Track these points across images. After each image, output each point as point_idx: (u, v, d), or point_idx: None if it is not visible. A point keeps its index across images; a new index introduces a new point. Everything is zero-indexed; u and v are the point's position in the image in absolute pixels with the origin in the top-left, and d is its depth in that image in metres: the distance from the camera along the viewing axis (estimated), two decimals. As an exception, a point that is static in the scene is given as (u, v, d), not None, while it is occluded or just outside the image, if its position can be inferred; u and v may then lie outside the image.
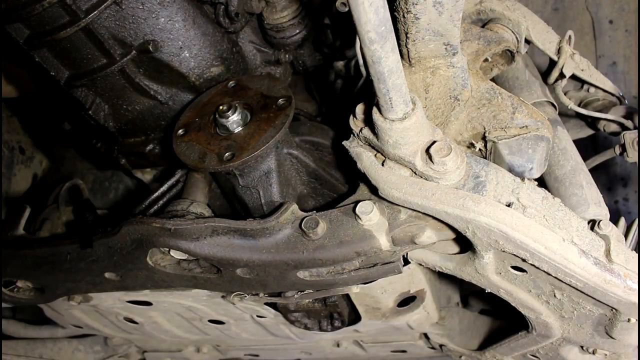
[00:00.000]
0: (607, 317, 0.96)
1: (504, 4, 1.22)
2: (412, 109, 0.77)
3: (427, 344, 1.59)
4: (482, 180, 0.85)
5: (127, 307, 1.40)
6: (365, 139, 0.89)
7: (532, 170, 0.95)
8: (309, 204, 1.19)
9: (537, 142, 0.94)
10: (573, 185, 1.11)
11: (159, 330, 1.57)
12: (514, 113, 0.95)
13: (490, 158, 0.98)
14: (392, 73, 0.67)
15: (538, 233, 0.81)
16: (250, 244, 0.97)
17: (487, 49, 1.11)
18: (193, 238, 0.99)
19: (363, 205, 0.91)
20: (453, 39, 0.90)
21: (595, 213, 1.07)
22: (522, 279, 0.96)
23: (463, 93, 0.95)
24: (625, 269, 0.83)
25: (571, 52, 1.27)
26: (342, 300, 1.28)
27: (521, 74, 1.32)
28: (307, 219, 0.94)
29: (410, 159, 0.83)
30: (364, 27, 0.60)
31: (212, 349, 1.76)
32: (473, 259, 0.96)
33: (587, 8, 2.07)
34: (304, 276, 1.00)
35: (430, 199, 0.84)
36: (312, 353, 1.74)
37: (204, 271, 1.08)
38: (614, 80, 1.88)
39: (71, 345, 1.89)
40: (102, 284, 1.18)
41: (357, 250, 0.92)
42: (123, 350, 1.83)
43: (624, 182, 2.21)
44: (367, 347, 1.62)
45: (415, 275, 1.22)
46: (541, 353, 1.23)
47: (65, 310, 1.49)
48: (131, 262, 1.08)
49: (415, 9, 0.83)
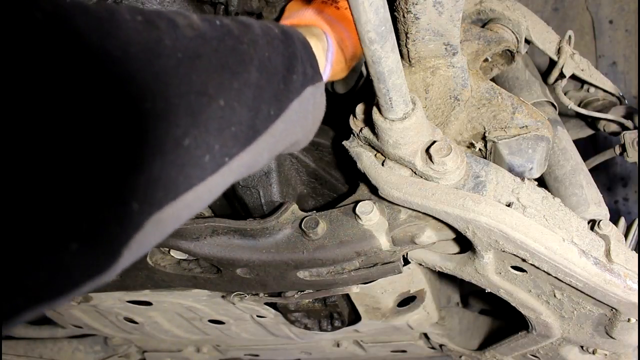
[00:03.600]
0: (607, 317, 0.96)
1: (504, 4, 1.22)
2: (412, 109, 0.77)
3: (427, 344, 1.59)
4: (482, 180, 0.85)
5: (127, 307, 1.40)
6: (365, 139, 0.89)
7: (532, 170, 0.95)
8: (309, 204, 1.19)
9: (537, 142, 0.94)
10: (573, 185, 1.11)
11: (159, 330, 1.57)
12: (514, 113, 0.95)
13: (490, 158, 0.98)
14: (392, 73, 0.67)
15: (538, 233, 0.81)
16: (250, 244, 0.97)
17: (487, 49, 1.11)
18: (193, 238, 0.99)
19: (363, 205, 0.91)
20: (453, 39, 0.90)
21: (595, 213, 1.07)
22: (522, 279, 0.96)
23: (463, 93, 0.95)
24: (625, 269, 0.83)
25: (571, 52, 1.27)
26: (342, 300, 1.28)
27: (521, 74, 1.32)
28: (307, 219, 0.94)
29: (410, 158, 0.83)
30: (364, 27, 0.60)
31: (212, 349, 1.76)
32: (473, 259, 0.96)
33: (587, 8, 2.07)
34: (304, 276, 1.00)
35: (430, 198, 0.84)
36: (312, 353, 1.74)
37: (204, 271, 1.08)
38: (614, 80, 1.88)
39: (71, 345, 1.89)
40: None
41: (357, 250, 0.92)
42: (123, 350, 1.83)
43: (624, 182, 2.21)
44: (367, 347, 1.62)
45: (415, 275, 1.22)
46: (541, 353, 1.23)
47: (65, 310, 1.49)
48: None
49: (415, 9, 0.83)
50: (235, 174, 0.58)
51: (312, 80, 0.69)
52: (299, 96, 0.66)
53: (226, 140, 0.54)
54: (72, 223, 0.39)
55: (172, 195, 0.49)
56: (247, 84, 0.57)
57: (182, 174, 0.49)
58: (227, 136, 0.54)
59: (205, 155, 0.51)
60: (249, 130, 0.58)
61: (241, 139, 0.57)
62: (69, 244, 0.39)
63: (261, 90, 0.59)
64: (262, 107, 0.60)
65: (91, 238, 0.41)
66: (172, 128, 0.47)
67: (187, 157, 0.49)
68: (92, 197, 0.40)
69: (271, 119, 0.62)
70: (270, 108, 0.61)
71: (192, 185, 0.51)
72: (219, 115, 0.52)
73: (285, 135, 0.66)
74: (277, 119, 0.63)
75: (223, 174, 0.55)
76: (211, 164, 0.52)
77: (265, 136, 0.61)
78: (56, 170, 0.37)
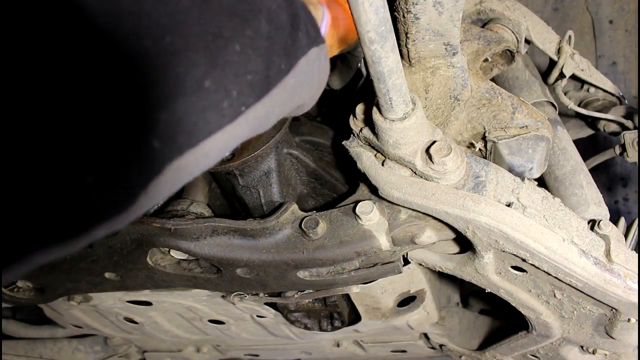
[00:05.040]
0: (607, 317, 0.96)
1: (504, 4, 1.22)
2: (412, 109, 0.77)
3: (427, 344, 1.59)
4: (482, 180, 0.85)
5: (127, 307, 1.40)
6: (365, 139, 0.89)
7: (532, 170, 0.95)
8: (309, 204, 1.19)
9: (537, 142, 0.94)
10: (573, 185, 1.11)
11: (159, 330, 1.57)
12: (514, 113, 0.95)
13: (490, 158, 0.98)
14: (392, 73, 0.67)
15: (538, 233, 0.81)
16: (250, 244, 0.97)
17: (487, 49, 1.11)
18: (193, 238, 0.99)
19: (363, 205, 0.91)
20: (453, 39, 0.90)
21: (595, 213, 1.07)
22: (522, 279, 0.96)
23: (463, 93, 0.95)
24: (625, 269, 0.83)
25: (571, 52, 1.27)
26: (342, 300, 1.28)
27: (521, 74, 1.32)
28: (307, 219, 0.94)
29: (410, 159, 0.83)
30: (364, 27, 0.60)
31: (212, 349, 1.76)
32: (473, 259, 0.96)
33: (587, 8, 2.07)
34: (304, 276, 1.00)
35: (430, 198, 0.84)
36: (312, 353, 1.74)
37: (204, 271, 1.08)
38: (614, 80, 1.88)
39: (71, 345, 1.89)
40: (102, 284, 1.18)
41: (357, 250, 0.92)
42: (123, 350, 1.83)
43: (624, 182, 2.21)
44: (367, 347, 1.62)
45: (415, 275, 1.22)
46: (541, 353, 1.23)
47: (65, 310, 1.49)
48: (131, 262, 1.08)
49: (415, 9, 0.83)
50: (250, 126, 0.56)
51: (316, 41, 0.68)
52: (305, 55, 0.65)
53: (243, 87, 0.53)
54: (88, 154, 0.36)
55: (194, 141, 0.47)
56: (258, 32, 0.56)
57: (203, 118, 0.48)
58: (243, 83, 0.53)
59: (224, 101, 0.50)
60: (264, 80, 0.57)
61: (257, 89, 0.56)
62: (84, 177, 0.36)
63: (272, 41, 0.58)
64: (274, 59, 0.59)
65: (108, 173, 0.38)
66: (193, 67, 0.46)
67: (207, 100, 0.48)
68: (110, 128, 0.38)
69: (282, 73, 0.61)
70: (281, 61, 0.60)
71: (211, 132, 0.49)
72: (235, 60, 0.51)
73: (295, 92, 0.65)
74: (288, 74, 0.62)
75: (240, 124, 0.54)
76: (229, 110, 0.51)
77: (277, 89, 0.60)
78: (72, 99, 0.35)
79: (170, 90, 0.44)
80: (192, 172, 0.50)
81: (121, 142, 0.39)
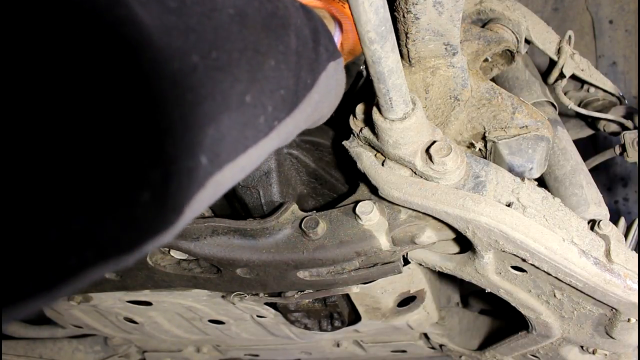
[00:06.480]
0: (607, 317, 0.96)
1: (504, 4, 1.22)
2: (412, 109, 0.77)
3: (427, 344, 1.59)
4: (482, 180, 0.85)
5: (127, 307, 1.40)
6: (365, 139, 0.89)
7: (532, 170, 0.95)
8: (309, 204, 1.19)
9: (537, 142, 0.94)
10: (573, 185, 1.11)
11: (159, 330, 1.57)
12: (514, 113, 0.95)
13: (490, 158, 0.98)
14: (392, 73, 0.67)
15: (538, 233, 0.81)
16: (250, 244, 0.97)
17: (487, 49, 1.11)
18: (193, 238, 0.99)
19: (363, 205, 0.91)
20: (453, 39, 0.90)
21: (595, 213, 1.07)
22: (522, 279, 0.96)
23: (463, 93, 0.95)
24: (625, 269, 0.83)
25: (571, 52, 1.27)
26: (342, 300, 1.28)
27: (521, 74, 1.32)
28: (307, 219, 0.94)
29: (410, 159, 0.83)
30: (364, 27, 0.60)
31: (212, 349, 1.76)
32: (473, 259, 0.96)
33: (587, 8, 2.07)
34: (304, 276, 1.00)
35: (430, 199, 0.84)
36: (312, 353, 1.74)
37: (204, 271, 1.08)
38: (614, 80, 1.88)
39: (71, 345, 1.89)
40: (102, 284, 1.18)
41: (357, 250, 0.92)
42: (123, 350, 1.83)
43: (624, 182, 2.21)
44: (367, 347, 1.62)
45: (415, 275, 1.22)
46: (541, 353, 1.23)
47: (65, 310, 1.49)
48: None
49: (415, 9, 0.83)
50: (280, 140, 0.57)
51: (334, 55, 0.69)
52: (325, 70, 0.66)
53: (277, 102, 0.54)
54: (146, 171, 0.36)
55: (233, 156, 0.48)
56: (289, 48, 0.57)
57: (243, 134, 0.48)
58: (277, 98, 0.54)
59: (260, 116, 0.51)
60: (293, 95, 0.58)
61: (288, 104, 0.57)
62: (141, 194, 0.36)
63: (300, 56, 0.59)
64: (302, 75, 0.60)
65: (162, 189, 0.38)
66: (237, 83, 0.47)
67: (247, 116, 0.49)
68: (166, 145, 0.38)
69: (308, 88, 0.62)
70: (307, 76, 0.61)
71: (248, 146, 0.50)
72: (271, 76, 0.52)
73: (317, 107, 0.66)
74: (312, 89, 0.63)
75: (272, 138, 0.54)
76: (265, 125, 0.52)
77: (304, 104, 0.61)
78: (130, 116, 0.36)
79: (217, 106, 0.45)
80: (228, 185, 0.51)
81: (174, 158, 0.40)
